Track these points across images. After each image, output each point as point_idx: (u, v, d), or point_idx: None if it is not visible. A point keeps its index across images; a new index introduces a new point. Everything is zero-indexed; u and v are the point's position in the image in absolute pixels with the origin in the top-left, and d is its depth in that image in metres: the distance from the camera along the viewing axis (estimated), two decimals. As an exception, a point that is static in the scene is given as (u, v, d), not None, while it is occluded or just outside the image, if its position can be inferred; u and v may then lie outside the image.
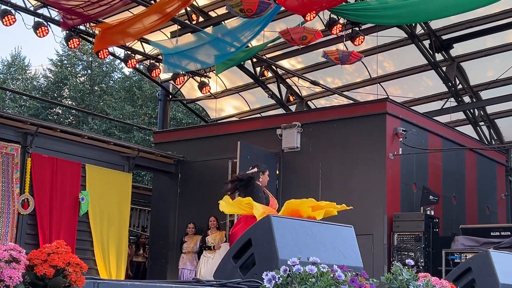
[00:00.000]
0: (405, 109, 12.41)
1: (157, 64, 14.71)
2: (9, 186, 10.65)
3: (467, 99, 15.64)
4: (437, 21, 13.53)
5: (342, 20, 12.51)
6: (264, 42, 13.91)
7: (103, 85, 32.03)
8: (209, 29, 13.88)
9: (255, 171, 8.39)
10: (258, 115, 17.11)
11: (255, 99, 17.44)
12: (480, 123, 16.37)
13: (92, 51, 13.38)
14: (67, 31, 12.97)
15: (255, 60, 15.60)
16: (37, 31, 12.49)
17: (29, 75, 33.61)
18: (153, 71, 14.71)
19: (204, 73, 15.83)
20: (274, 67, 16.06)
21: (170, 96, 16.89)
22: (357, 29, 12.88)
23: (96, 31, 12.74)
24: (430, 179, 12.46)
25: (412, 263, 4.16)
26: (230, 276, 4.17)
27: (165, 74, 15.62)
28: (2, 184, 10.59)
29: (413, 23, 13.50)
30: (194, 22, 14.19)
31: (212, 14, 14.37)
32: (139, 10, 12.57)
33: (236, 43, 12.51)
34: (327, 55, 11.75)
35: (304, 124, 12.35)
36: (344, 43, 12.82)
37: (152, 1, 12.79)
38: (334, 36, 13.17)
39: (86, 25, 13.22)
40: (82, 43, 13.93)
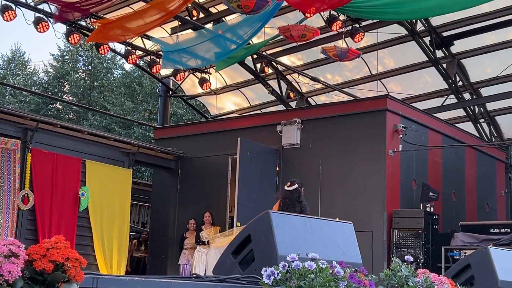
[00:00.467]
0: (405, 105, 12.41)
1: (157, 60, 14.70)
2: (10, 181, 10.66)
3: (467, 96, 15.62)
4: (438, 18, 13.51)
5: (342, 17, 12.50)
6: (265, 39, 13.88)
7: (103, 81, 31.99)
8: (209, 26, 13.87)
9: (295, 188, 8.32)
10: (258, 112, 17.10)
11: (255, 96, 17.43)
12: (480, 120, 16.35)
13: (87, 41, 13.25)
14: (68, 27, 12.96)
15: (256, 56, 15.59)
16: (38, 27, 12.47)
17: (28, 70, 33.61)
18: (154, 67, 14.70)
19: (204, 69, 15.82)
20: (274, 64, 16.04)
21: (171, 92, 16.89)
22: (357, 25, 12.88)
23: (96, 27, 12.70)
24: (430, 176, 12.46)
25: (411, 260, 4.17)
26: (229, 271, 4.17)
27: (166, 70, 15.61)
28: (1, 180, 10.59)
29: (413, 19, 13.48)
30: (194, 18, 14.17)
31: (213, 10, 14.35)
32: (139, 6, 12.55)
33: (237, 40, 12.49)
34: (326, 51, 11.76)
35: (304, 121, 12.36)
36: (345, 40, 12.80)
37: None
38: (335, 32, 13.17)
39: (87, 21, 13.19)
40: (82, 39, 13.89)
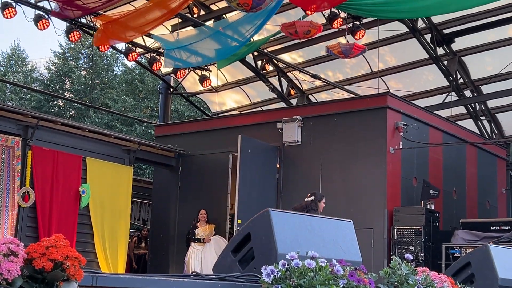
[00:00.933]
0: (406, 103, 12.40)
1: (157, 57, 14.68)
2: (9, 179, 10.66)
3: (468, 93, 15.61)
4: (439, 15, 13.50)
5: (343, 14, 12.49)
6: (265, 36, 13.87)
7: (104, 79, 31.99)
8: (210, 23, 13.85)
9: (312, 199, 8.62)
10: (259, 109, 17.09)
11: (256, 93, 17.42)
12: (481, 118, 16.34)
13: (94, 44, 13.27)
14: (68, 24, 12.95)
15: (256, 53, 15.58)
16: (38, 24, 12.47)
17: (28, 67, 33.63)
18: (154, 65, 14.69)
19: (204, 67, 15.80)
20: (275, 61, 16.04)
21: (171, 89, 16.88)
22: (358, 23, 12.87)
23: (97, 24, 12.70)
24: (430, 173, 12.45)
25: (411, 258, 4.16)
26: (229, 270, 4.17)
27: (166, 67, 15.59)
28: (1, 177, 10.58)
29: (413, 18, 13.47)
30: (195, 15, 14.16)
31: (213, 7, 14.35)
32: (140, 4, 12.53)
33: (238, 37, 12.48)
34: (330, 50, 11.74)
35: (305, 118, 12.34)
36: (346, 37, 12.79)
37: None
38: (336, 30, 13.15)
39: (87, 18, 13.18)
40: (83, 36, 13.88)
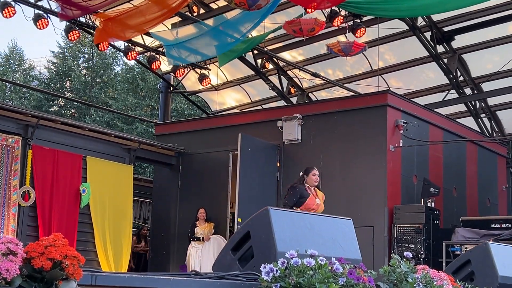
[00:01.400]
0: (406, 101, 12.39)
1: (157, 56, 14.66)
2: (6, 178, 10.65)
3: (468, 91, 15.60)
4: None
5: (343, 12, 12.48)
6: (265, 32, 13.87)
7: (104, 77, 31.97)
8: (209, 21, 13.84)
9: (300, 175, 8.69)
10: (259, 107, 17.09)
11: (256, 91, 17.42)
12: (481, 115, 16.33)
13: (93, 42, 13.28)
14: (67, 23, 12.94)
15: (256, 52, 15.57)
16: (37, 23, 12.46)
17: (25, 65, 33.68)
18: (153, 63, 14.67)
19: (204, 65, 15.79)
20: (275, 59, 16.02)
21: (171, 88, 16.87)
22: (358, 21, 12.85)
23: (97, 22, 12.69)
24: (431, 171, 12.45)
25: (411, 256, 4.16)
26: (229, 268, 4.17)
27: (166, 66, 15.58)
28: (0, 176, 10.58)
29: (413, 16, 13.46)
30: (195, 14, 14.15)
31: (213, 6, 14.34)
32: (139, 2, 12.52)
33: (237, 34, 12.47)
34: (331, 48, 11.73)
35: (305, 116, 12.34)
36: (346, 35, 12.78)
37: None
38: (336, 28, 13.14)
39: (86, 17, 13.18)
40: (82, 35, 13.88)
